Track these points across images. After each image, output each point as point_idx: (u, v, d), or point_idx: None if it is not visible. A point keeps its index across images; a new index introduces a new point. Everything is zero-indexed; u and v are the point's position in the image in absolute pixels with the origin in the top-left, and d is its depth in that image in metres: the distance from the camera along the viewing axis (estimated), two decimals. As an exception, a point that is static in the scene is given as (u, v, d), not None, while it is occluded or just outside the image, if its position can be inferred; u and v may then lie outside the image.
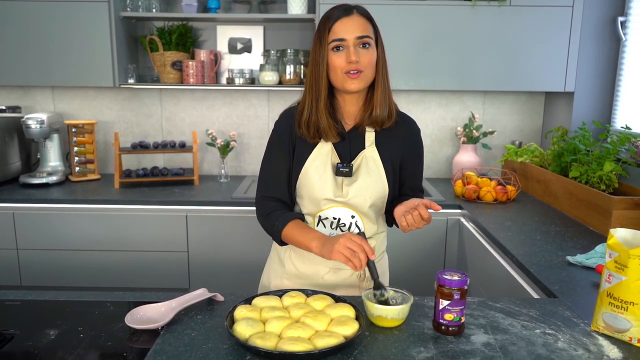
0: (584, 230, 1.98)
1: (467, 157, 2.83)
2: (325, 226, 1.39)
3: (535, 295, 1.51)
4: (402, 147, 1.42)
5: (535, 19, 2.52)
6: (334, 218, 1.38)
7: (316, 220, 1.39)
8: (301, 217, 1.40)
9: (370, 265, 1.21)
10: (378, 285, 1.20)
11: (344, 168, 1.36)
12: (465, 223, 2.29)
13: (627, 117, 2.46)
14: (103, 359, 1.02)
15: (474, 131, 2.82)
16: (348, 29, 1.28)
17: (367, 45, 1.30)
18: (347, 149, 1.39)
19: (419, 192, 1.49)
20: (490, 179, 2.54)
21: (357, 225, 1.39)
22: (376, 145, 1.39)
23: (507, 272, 1.73)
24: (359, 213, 1.38)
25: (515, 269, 1.70)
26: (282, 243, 1.40)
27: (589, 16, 2.52)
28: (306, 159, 1.37)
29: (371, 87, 1.37)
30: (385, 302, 1.17)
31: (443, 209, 2.39)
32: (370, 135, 1.39)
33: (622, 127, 2.33)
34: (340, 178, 1.37)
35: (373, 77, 1.34)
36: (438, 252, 2.41)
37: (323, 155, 1.37)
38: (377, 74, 1.34)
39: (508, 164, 2.82)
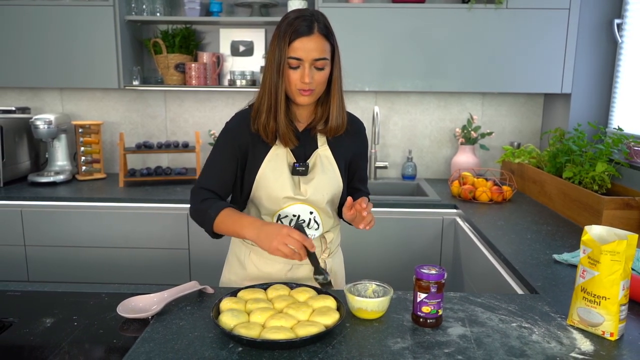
0: (575, 230, 2.00)
1: (465, 158, 2.86)
2: (283, 224, 1.42)
3: (519, 292, 1.54)
4: (351, 144, 1.50)
5: (532, 21, 2.55)
6: (294, 215, 1.43)
7: (275, 218, 1.43)
8: (234, 206, 1.40)
9: (312, 257, 1.27)
10: (320, 272, 1.29)
11: (301, 167, 1.41)
12: (461, 222, 2.33)
13: (623, 118, 2.48)
14: (94, 345, 1.08)
15: (472, 132, 2.85)
16: (307, 50, 1.29)
17: (322, 67, 1.33)
18: (302, 149, 1.43)
19: (364, 182, 1.59)
20: (487, 180, 2.57)
21: (315, 221, 1.44)
22: (328, 143, 1.45)
23: (495, 269, 1.76)
24: (316, 209, 1.43)
25: (503, 266, 1.73)
26: (214, 235, 1.40)
27: (585, 19, 2.55)
28: (262, 160, 1.40)
29: (323, 94, 1.40)
30: (328, 285, 1.27)
31: (439, 208, 2.44)
32: (322, 135, 1.45)
33: (614, 129, 2.35)
34: (296, 177, 1.42)
35: (323, 91, 1.38)
36: (434, 250, 2.45)
37: (279, 156, 1.41)
38: (334, 88, 1.38)
39: (506, 165, 2.84)
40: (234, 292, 1.24)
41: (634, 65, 2.43)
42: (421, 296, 1.15)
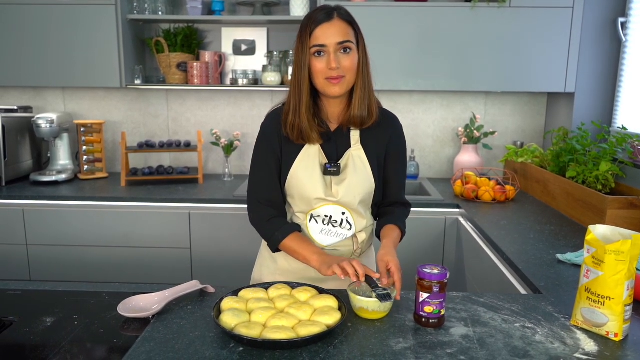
0: (579, 230, 1.99)
1: (468, 157, 2.85)
2: (317, 222, 1.42)
3: (523, 292, 1.53)
4: (386, 143, 1.45)
5: (536, 20, 2.53)
6: (326, 216, 1.41)
7: (308, 218, 1.42)
8: (299, 228, 1.42)
9: (370, 281, 1.22)
10: (377, 288, 1.21)
11: (332, 168, 1.39)
12: (463, 222, 2.32)
13: (627, 117, 2.47)
14: (94, 345, 1.07)
15: (475, 132, 2.83)
16: (329, 35, 1.29)
17: (348, 50, 1.31)
18: (334, 149, 1.42)
19: (402, 190, 1.52)
20: (490, 179, 2.56)
21: (347, 222, 1.42)
22: (361, 143, 1.42)
23: (498, 269, 1.75)
24: (349, 210, 1.42)
25: (506, 266, 1.72)
26: (276, 250, 1.43)
27: (589, 17, 2.53)
28: (294, 159, 1.39)
29: (354, 89, 1.38)
30: (387, 297, 1.16)
31: (442, 208, 2.43)
32: (355, 134, 1.42)
33: (618, 128, 2.34)
34: (328, 177, 1.40)
35: (355, 80, 1.35)
36: (437, 250, 2.44)
37: (311, 156, 1.39)
38: (358, 76, 1.35)
39: (509, 165, 2.83)
40: (235, 292, 1.23)
41: (638, 64, 2.41)
42: (423, 296, 1.14)
